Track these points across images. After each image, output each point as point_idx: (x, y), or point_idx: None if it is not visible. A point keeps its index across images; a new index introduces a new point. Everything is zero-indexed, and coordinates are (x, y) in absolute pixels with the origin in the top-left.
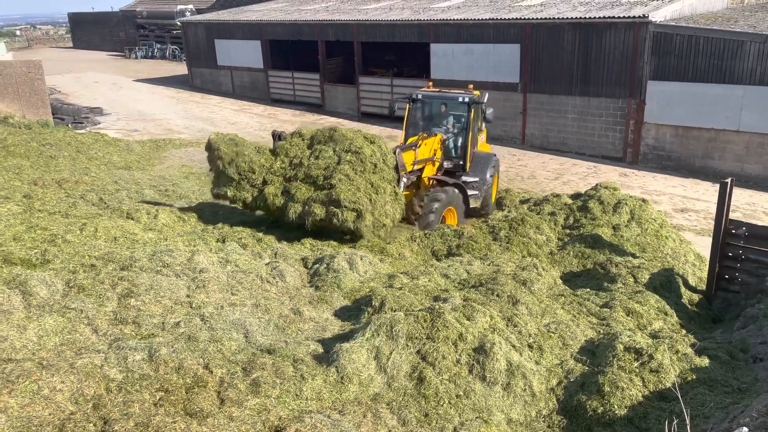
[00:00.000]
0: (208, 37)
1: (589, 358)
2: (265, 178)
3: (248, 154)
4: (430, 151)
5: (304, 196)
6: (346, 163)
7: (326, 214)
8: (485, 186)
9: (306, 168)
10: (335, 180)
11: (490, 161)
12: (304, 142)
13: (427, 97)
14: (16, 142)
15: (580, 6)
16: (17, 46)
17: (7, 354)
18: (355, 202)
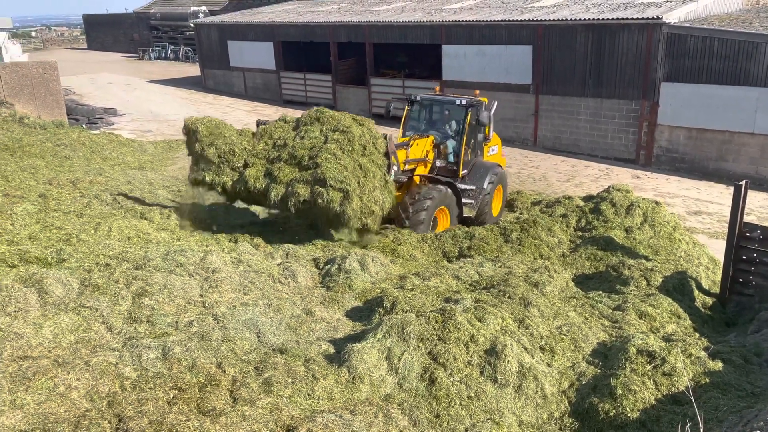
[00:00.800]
0: (221, 38)
1: (602, 360)
2: (247, 161)
3: (229, 136)
4: (422, 151)
5: (287, 177)
6: (333, 142)
7: (311, 195)
8: (481, 195)
9: (290, 149)
10: (321, 159)
11: (491, 171)
12: (288, 124)
13: (426, 100)
14: (32, 142)
15: (593, 7)
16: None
17: (23, 351)
18: (341, 181)
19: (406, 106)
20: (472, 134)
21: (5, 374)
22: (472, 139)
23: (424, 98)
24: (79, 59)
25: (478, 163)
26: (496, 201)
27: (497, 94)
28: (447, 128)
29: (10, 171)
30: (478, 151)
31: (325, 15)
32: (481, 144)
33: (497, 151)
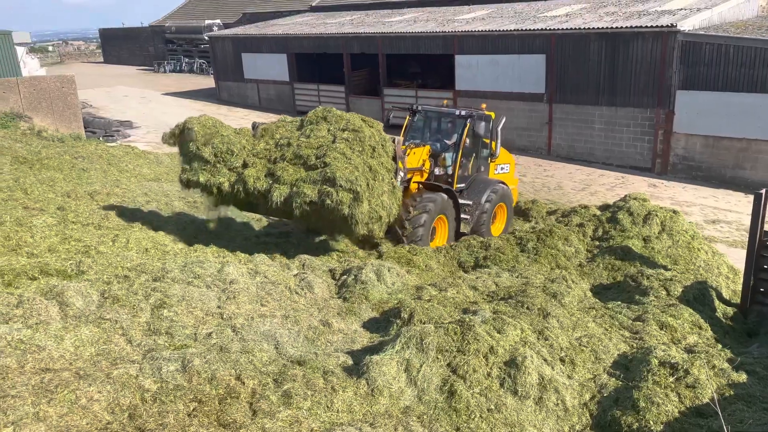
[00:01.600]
0: (235, 51)
1: (623, 372)
2: (246, 161)
3: (227, 135)
4: (418, 161)
5: (291, 178)
6: (342, 141)
7: (318, 195)
8: (478, 211)
9: (295, 148)
10: (330, 158)
11: (491, 187)
12: (291, 123)
13: (426, 110)
14: (50, 155)
15: (606, 16)
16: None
17: (45, 364)
18: (352, 181)
19: (408, 116)
20: (471, 147)
21: (28, 386)
22: (473, 153)
23: (425, 109)
24: (96, 73)
25: (479, 178)
26: (499, 221)
27: (510, 104)
28: (446, 140)
29: (29, 184)
30: (480, 167)
31: (338, 27)
32: (485, 160)
33: (509, 171)
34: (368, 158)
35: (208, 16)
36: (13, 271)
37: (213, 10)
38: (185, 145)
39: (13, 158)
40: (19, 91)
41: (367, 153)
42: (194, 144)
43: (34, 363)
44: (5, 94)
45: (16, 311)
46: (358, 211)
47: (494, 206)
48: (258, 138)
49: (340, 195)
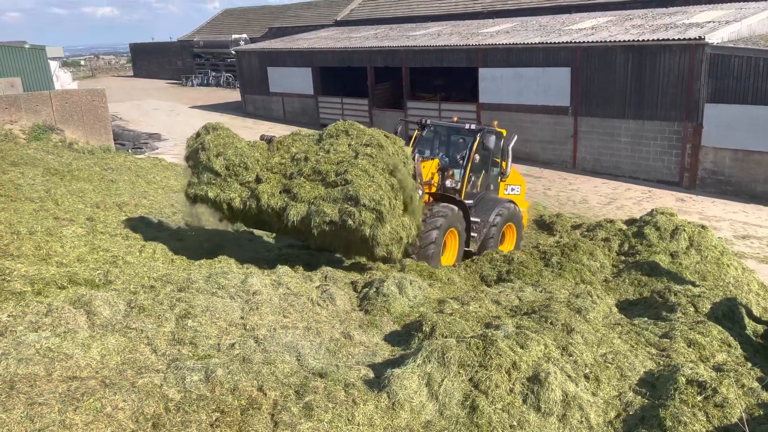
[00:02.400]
0: (261, 65)
1: (649, 390)
2: (259, 176)
3: (240, 147)
4: (427, 174)
5: (309, 195)
6: (365, 157)
7: (339, 215)
8: (485, 229)
9: (313, 163)
10: (352, 175)
11: (500, 205)
12: (309, 138)
13: (436, 125)
14: (80, 166)
15: (632, 29)
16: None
17: (72, 372)
18: (376, 200)
19: (417, 130)
20: (481, 164)
21: (55, 394)
22: (482, 170)
23: (434, 123)
24: (126, 86)
25: (488, 196)
26: (507, 242)
27: (534, 116)
28: (455, 154)
29: (60, 194)
30: (490, 185)
31: (362, 41)
32: (495, 178)
33: (519, 193)
34: (390, 176)
35: (235, 31)
36: (42, 280)
37: (240, 25)
38: (195, 155)
39: (45, 170)
40: (51, 104)
41: (390, 171)
42: (205, 154)
43: (61, 371)
44: (38, 107)
45: (45, 320)
46: (380, 232)
47: (503, 225)
48: (273, 151)
49: (363, 215)
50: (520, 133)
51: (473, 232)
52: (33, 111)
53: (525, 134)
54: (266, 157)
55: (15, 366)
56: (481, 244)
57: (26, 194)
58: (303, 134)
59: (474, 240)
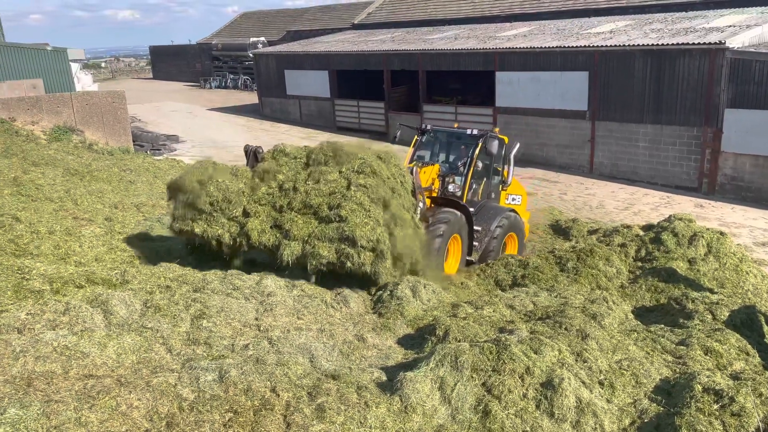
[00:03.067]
0: (279, 67)
1: (665, 398)
2: (247, 209)
3: (222, 181)
4: (427, 180)
5: (303, 232)
6: (359, 189)
7: (337, 256)
8: (487, 238)
9: (303, 195)
10: (346, 210)
11: (502, 214)
12: (297, 161)
13: (436, 130)
14: (100, 167)
15: (651, 33)
16: (102, 78)
17: (88, 370)
18: (374, 240)
19: (416, 136)
20: (482, 170)
21: (71, 392)
22: (484, 177)
23: (435, 128)
24: (145, 88)
25: (489, 205)
26: (509, 252)
27: (551, 121)
28: (456, 160)
29: (79, 195)
30: (491, 193)
31: (378, 44)
32: (497, 187)
33: (520, 203)
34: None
35: (253, 34)
36: (61, 279)
37: (258, 28)
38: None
39: (65, 170)
40: (72, 106)
41: (387, 198)
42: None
43: (78, 369)
44: (59, 109)
45: (62, 318)
46: (382, 267)
47: (504, 235)
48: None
49: (362, 256)
50: (536, 137)
51: (475, 240)
52: (54, 112)
53: (541, 138)
54: (252, 184)
55: (33, 363)
56: (482, 253)
57: (46, 194)
58: (288, 152)
59: (475, 249)
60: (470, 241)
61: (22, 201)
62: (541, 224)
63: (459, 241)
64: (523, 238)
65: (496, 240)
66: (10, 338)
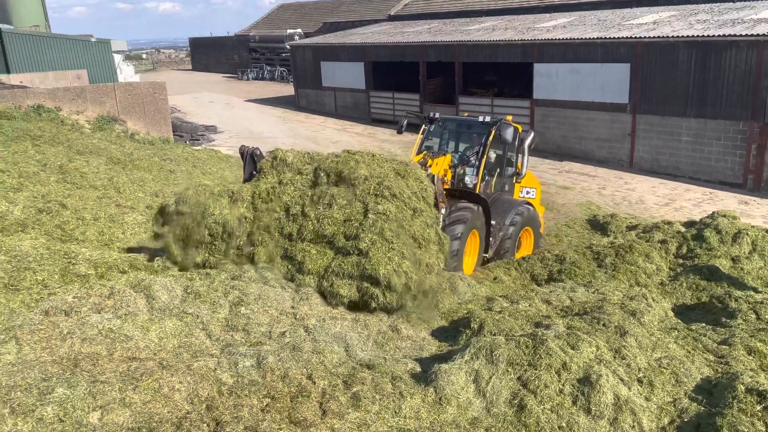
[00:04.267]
0: (315, 59)
1: (706, 398)
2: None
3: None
4: (440, 171)
5: (318, 266)
6: (378, 217)
7: (359, 296)
8: (501, 233)
9: (314, 222)
10: (366, 243)
11: (517, 208)
12: (303, 178)
13: (445, 119)
14: (141, 156)
15: (697, 24)
16: (143, 69)
17: (132, 353)
18: (401, 279)
19: (423, 125)
20: (495, 161)
21: (116, 373)
22: (497, 168)
23: (444, 117)
24: (185, 79)
25: (503, 198)
26: (524, 248)
27: (590, 114)
28: (468, 150)
29: (122, 183)
30: (504, 185)
31: (415, 35)
32: (510, 179)
33: (535, 196)
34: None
35: (290, 26)
36: (105, 264)
37: (295, 19)
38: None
39: (108, 159)
40: (115, 96)
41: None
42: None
43: (122, 351)
44: (103, 99)
45: (107, 302)
46: (409, 299)
47: (520, 229)
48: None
49: (387, 297)
50: (574, 130)
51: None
52: (98, 102)
53: (580, 132)
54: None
55: (79, 345)
56: (496, 249)
57: (90, 182)
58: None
59: (490, 245)
60: (487, 238)
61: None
62: (578, 219)
63: (476, 238)
64: (539, 233)
65: (511, 235)
66: (58, 320)
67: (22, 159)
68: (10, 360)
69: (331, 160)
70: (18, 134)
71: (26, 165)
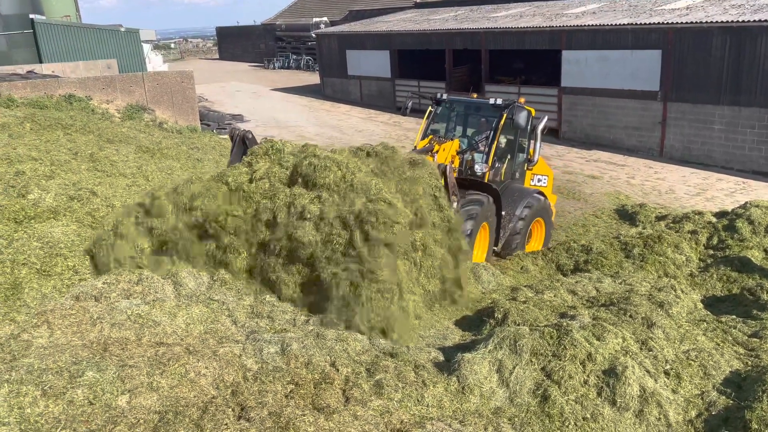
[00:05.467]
0: (340, 47)
1: (735, 391)
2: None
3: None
4: (447, 157)
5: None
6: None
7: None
8: (511, 224)
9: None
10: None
11: (528, 197)
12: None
13: (453, 100)
14: (169, 145)
15: (731, 9)
16: (171, 58)
17: (159, 338)
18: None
19: (430, 107)
20: (506, 146)
21: (144, 358)
22: (508, 154)
23: (452, 99)
24: (212, 69)
25: (513, 186)
26: (535, 239)
27: (620, 101)
28: (477, 135)
29: (150, 171)
30: (515, 172)
31: (441, 23)
32: (521, 165)
33: (546, 184)
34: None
35: (316, 14)
36: None
37: (320, 8)
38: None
39: (137, 147)
40: (144, 85)
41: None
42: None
43: (150, 337)
44: (132, 88)
45: (136, 288)
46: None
47: (531, 220)
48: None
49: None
50: (603, 118)
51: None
52: (127, 91)
53: (609, 120)
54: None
55: (108, 330)
56: (506, 242)
57: (120, 170)
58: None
59: (499, 238)
60: (498, 230)
61: (98, 176)
62: (606, 209)
63: (486, 231)
64: (551, 224)
65: (522, 226)
66: (88, 305)
67: (54, 147)
68: (43, 343)
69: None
70: (50, 123)
71: (58, 153)
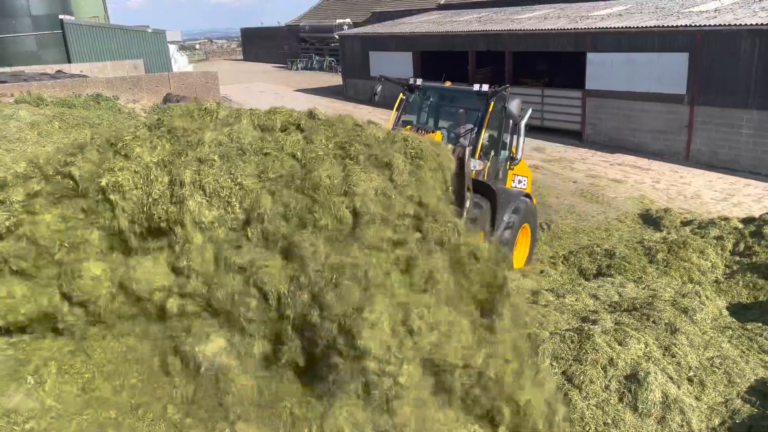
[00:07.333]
0: (363, 49)
1: (760, 399)
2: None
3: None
4: None
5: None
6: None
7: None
8: (499, 231)
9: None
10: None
11: (515, 200)
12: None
13: (429, 87)
14: None
15: (761, 11)
16: (196, 59)
17: None
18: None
19: (401, 95)
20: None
21: None
22: (491, 151)
23: (427, 86)
24: (236, 69)
25: (498, 187)
26: (521, 246)
27: (645, 105)
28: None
29: None
30: (499, 170)
31: (465, 24)
32: (503, 163)
33: (526, 185)
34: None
35: (339, 16)
36: None
37: (344, 10)
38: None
39: None
40: (169, 85)
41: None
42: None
43: None
44: (158, 87)
45: None
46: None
47: (520, 226)
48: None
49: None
50: (628, 121)
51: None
52: (153, 91)
53: (634, 123)
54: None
55: None
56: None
57: None
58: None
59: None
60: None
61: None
62: (630, 213)
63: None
64: (536, 230)
65: (509, 236)
66: None
67: None
68: None
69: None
70: (78, 122)
71: None
